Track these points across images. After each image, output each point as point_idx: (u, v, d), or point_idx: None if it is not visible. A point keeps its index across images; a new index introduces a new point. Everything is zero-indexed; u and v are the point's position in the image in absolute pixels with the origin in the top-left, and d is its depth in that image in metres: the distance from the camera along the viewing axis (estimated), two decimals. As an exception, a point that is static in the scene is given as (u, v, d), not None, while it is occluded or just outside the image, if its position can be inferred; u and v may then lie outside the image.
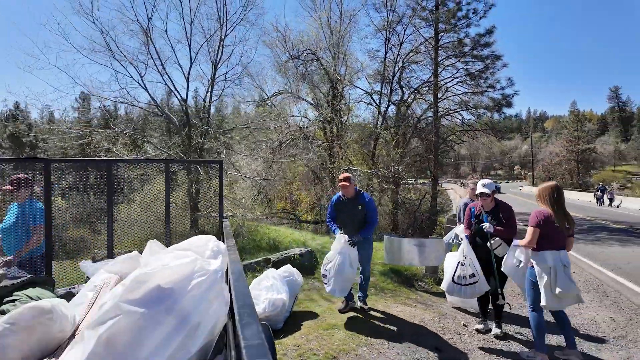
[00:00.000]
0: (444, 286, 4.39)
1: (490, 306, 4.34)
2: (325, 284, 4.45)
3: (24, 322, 1.70)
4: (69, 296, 2.78)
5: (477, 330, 4.31)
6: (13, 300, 2.55)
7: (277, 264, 5.90)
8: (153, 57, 10.02)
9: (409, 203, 17.31)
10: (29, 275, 2.89)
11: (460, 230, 4.31)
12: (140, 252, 2.72)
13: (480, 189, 4.13)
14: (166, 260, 1.61)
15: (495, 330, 4.19)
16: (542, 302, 3.39)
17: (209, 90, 10.82)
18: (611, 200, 28.74)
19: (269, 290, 4.44)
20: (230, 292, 1.63)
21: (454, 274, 4.12)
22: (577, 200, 34.32)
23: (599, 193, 30.26)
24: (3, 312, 2.45)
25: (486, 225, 4.08)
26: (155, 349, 1.39)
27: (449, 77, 19.83)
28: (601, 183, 35.35)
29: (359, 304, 4.84)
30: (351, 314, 4.66)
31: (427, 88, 19.64)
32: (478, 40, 18.90)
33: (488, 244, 4.13)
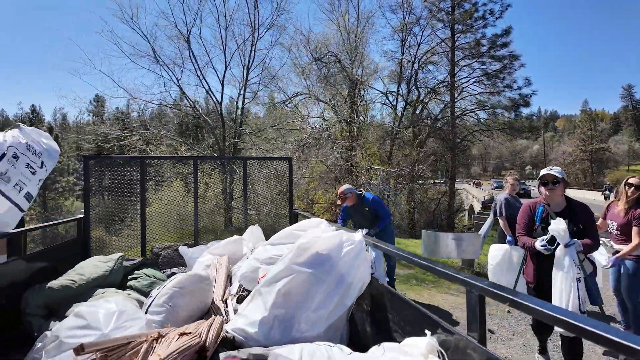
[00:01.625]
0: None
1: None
2: None
3: (189, 286, 2.05)
4: (172, 276, 3.15)
5: None
6: (136, 277, 2.93)
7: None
8: (192, 62, 10.47)
9: (427, 202, 17.57)
10: (142, 258, 3.27)
11: (560, 228, 2.57)
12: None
13: (546, 172, 2.80)
14: (317, 232, 1.94)
15: None
16: None
17: (242, 92, 11.26)
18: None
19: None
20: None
21: (579, 299, 2.55)
22: (594, 200, 34.23)
23: (606, 192, 30.79)
24: (130, 287, 2.84)
25: (576, 243, 2.61)
26: (321, 302, 1.72)
27: (465, 77, 20.09)
28: (607, 182, 35.93)
29: None
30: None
31: (443, 88, 19.90)
32: (495, 40, 19.11)
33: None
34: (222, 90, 11.04)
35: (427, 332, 1.32)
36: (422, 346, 1.27)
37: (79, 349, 1.07)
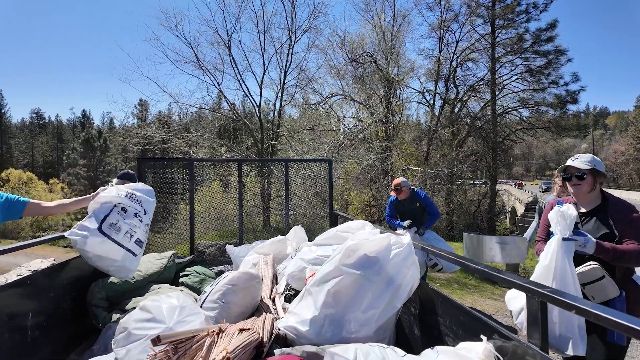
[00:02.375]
0: None
1: None
2: None
3: (241, 284, 2.14)
4: (219, 274, 3.27)
5: None
6: (187, 274, 3.07)
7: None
8: (232, 66, 10.82)
9: (467, 204, 17.06)
10: (192, 255, 3.43)
11: (569, 213, 1.91)
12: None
13: (569, 163, 2.19)
14: (364, 235, 1.97)
15: None
16: None
17: (280, 95, 11.47)
18: None
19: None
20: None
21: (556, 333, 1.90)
22: (648, 202, 31.91)
23: None
24: (182, 284, 2.98)
25: (579, 240, 1.87)
26: (371, 303, 1.74)
27: (506, 74, 19.33)
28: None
29: None
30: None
31: (483, 86, 19.26)
32: (539, 35, 18.25)
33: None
34: (261, 93, 11.34)
35: (483, 337, 1.31)
36: (479, 351, 1.26)
37: (156, 340, 1.16)
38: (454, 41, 18.75)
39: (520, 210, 25.35)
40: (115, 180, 4.00)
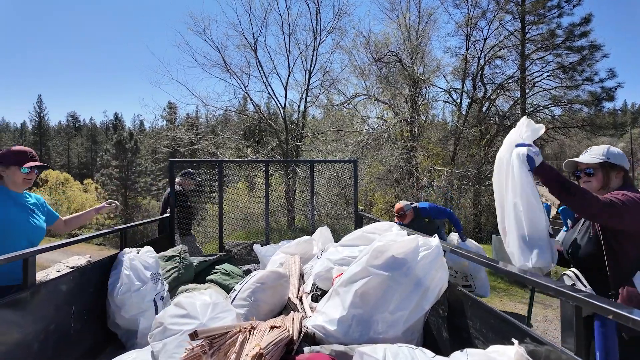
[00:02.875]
0: None
1: None
2: None
3: (270, 283, 2.19)
4: (247, 272, 3.34)
5: None
6: (216, 272, 3.15)
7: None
8: (258, 69, 11.01)
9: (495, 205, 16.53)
10: (220, 253, 3.53)
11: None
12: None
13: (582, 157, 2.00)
14: (391, 236, 1.97)
15: None
16: None
17: (304, 96, 11.58)
18: None
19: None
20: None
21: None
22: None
23: None
24: (211, 281, 3.06)
25: (534, 148, 1.79)
26: (398, 304, 1.75)
27: (537, 71, 18.72)
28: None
29: None
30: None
31: (513, 83, 18.71)
32: (572, 30, 17.56)
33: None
34: (286, 95, 11.49)
35: (514, 340, 1.29)
36: (510, 354, 1.25)
37: (194, 335, 1.22)
38: (481, 38, 18.35)
39: (553, 212, 24.46)
40: (178, 178, 4.17)
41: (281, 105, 11.33)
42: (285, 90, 11.45)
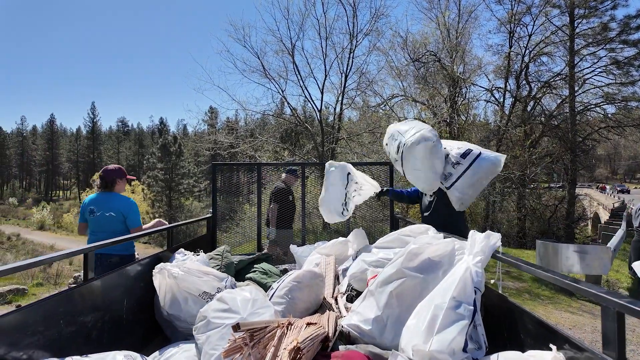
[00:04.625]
0: None
1: None
2: None
3: (306, 281, 2.25)
4: (284, 272, 3.44)
5: None
6: (254, 270, 3.27)
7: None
8: (295, 73, 11.24)
9: (541, 209, 15.78)
10: (258, 253, 3.66)
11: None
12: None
13: None
14: (427, 239, 1.98)
15: None
16: None
17: (340, 99, 11.66)
18: None
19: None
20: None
21: None
22: None
23: None
24: (250, 279, 3.17)
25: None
26: (433, 307, 1.75)
27: (588, 68, 17.68)
28: None
29: None
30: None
31: (560, 81, 17.78)
32: (627, 22, 16.43)
33: None
34: (322, 98, 11.62)
35: (553, 346, 1.27)
36: (548, 359, 1.23)
37: (237, 327, 1.30)
38: (526, 35, 17.59)
39: (604, 217, 22.91)
40: (284, 175, 4.90)
41: (317, 108, 11.49)
42: (322, 93, 11.61)
